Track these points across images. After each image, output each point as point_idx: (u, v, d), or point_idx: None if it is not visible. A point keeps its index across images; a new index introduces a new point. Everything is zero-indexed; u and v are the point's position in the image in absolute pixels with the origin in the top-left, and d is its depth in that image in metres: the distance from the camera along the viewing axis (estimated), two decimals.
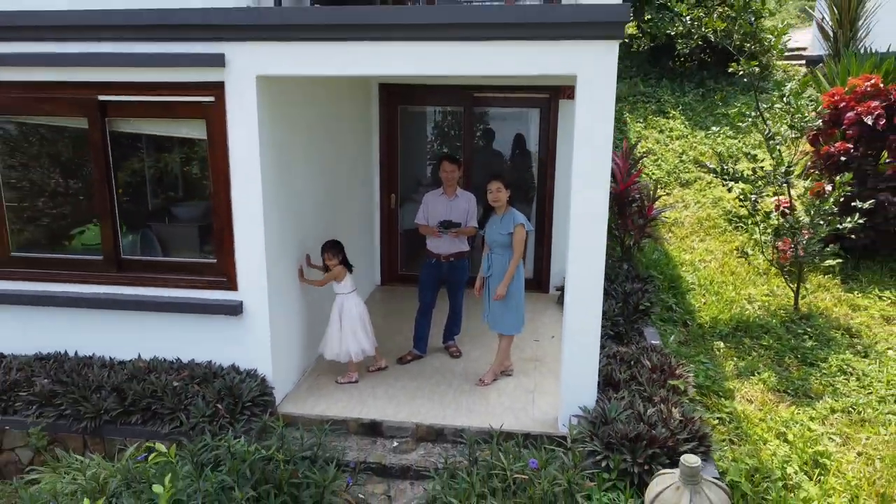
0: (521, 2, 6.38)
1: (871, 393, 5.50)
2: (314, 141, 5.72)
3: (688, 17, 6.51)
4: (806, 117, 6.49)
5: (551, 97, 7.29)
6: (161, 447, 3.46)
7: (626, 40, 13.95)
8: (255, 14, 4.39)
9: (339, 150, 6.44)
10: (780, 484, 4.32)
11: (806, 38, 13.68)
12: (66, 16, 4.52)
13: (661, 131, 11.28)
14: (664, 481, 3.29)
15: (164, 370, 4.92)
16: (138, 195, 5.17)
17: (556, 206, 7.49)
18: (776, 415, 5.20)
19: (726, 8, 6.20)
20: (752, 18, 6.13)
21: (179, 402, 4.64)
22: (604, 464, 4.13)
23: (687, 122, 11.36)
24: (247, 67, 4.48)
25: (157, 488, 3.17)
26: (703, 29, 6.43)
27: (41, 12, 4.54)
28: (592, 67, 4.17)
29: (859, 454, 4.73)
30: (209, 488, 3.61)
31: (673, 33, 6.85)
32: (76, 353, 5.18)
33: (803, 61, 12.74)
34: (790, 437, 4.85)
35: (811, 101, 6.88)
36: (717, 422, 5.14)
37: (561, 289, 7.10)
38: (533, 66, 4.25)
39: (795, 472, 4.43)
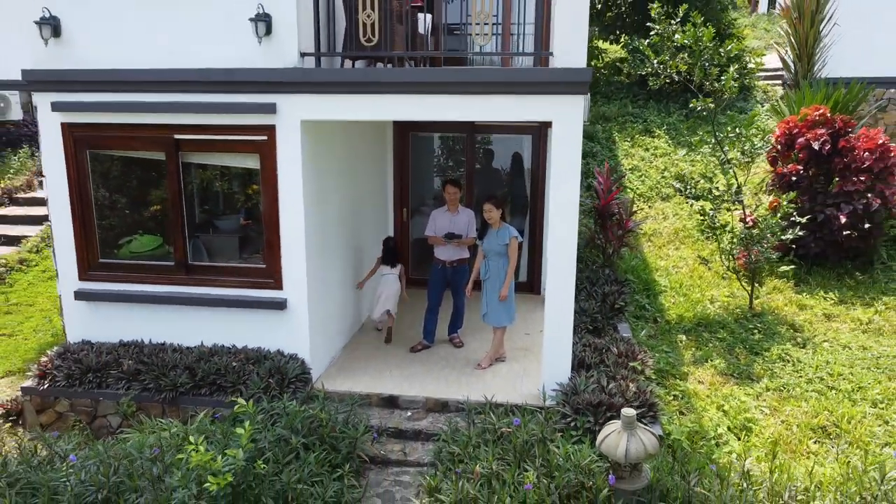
0: (516, 49, 7.57)
1: (801, 376, 6.65)
2: (342, 166, 6.95)
3: (655, 61, 7.70)
4: (756, 145, 7.66)
5: (541, 125, 8.50)
6: (241, 402, 4.65)
7: (618, 64, 15.19)
8: (300, 73, 5.61)
9: (360, 172, 7.67)
10: (712, 442, 5.49)
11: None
12: (152, 73, 5.76)
13: (647, 149, 12.44)
14: (610, 428, 4.45)
15: (223, 354, 6.13)
16: (203, 212, 6.40)
17: (547, 219, 8.68)
18: (720, 392, 6.36)
19: (684, 55, 7.32)
20: (708, 64, 7.29)
21: (238, 378, 5.85)
22: (572, 423, 5.31)
23: (670, 141, 12.53)
24: (293, 113, 5.71)
25: (239, 430, 4.36)
26: (668, 70, 7.62)
27: (133, 70, 5.77)
28: (564, 114, 5.37)
29: (782, 422, 5.88)
30: (271, 437, 4.81)
31: (644, 73, 8.00)
32: (150, 340, 6.40)
33: (781, 81, 13.93)
34: (726, 408, 6.01)
35: (760, 130, 8.00)
36: (671, 398, 6.31)
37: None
38: (518, 114, 5.47)
39: (725, 433, 5.60)
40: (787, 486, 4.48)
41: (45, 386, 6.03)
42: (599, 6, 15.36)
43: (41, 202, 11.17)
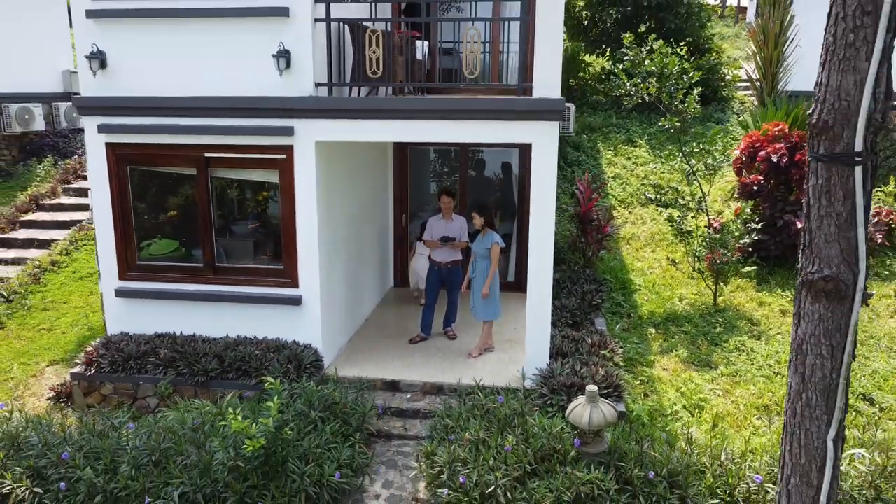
0: (501, 78, 8.50)
1: (753, 364, 7.58)
2: (348, 178, 7.85)
3: (629, 84, 8.62)
4: (718, 159, 8.59)
5: None
6: (270, 380, 5.54)
7: (602, 77, 16.10)
8: (315, 101, 6.51)
9: (364, 183, 8.57)
10: (668, 417, 6.41)
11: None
12: (185, 100, 6.65)
13: (629, 158, 13.36)
14: (577, 402, 5.35)
15: (247, 344, 7.02)
16: (228, 219, 7.29)
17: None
18: (680, 377, 7.28)
19: (653, 80, 8.24)
20: (673, 88, 8.21)
21: (261, 364, 6.74)
22: (548, 402, 6.22)
23: (651, 151, 13.45)
24: (308, 135, 6.61)
25: (268, 404, 5.26)
26: (639, 92, 8.54)
27: (169, 98, 6.67)
28: (542, 138, 6.29)
29: (732, 402, 6.81)
30: (293, 411, 5.71)
31: (618, 94, 8.91)
32: (182, 332, 7.29)
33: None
34: (684, 390, 6.93)
35: (721, 146, 8.93)
36: (637, 382, 7.23)
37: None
38: (503, 136, 6.39)
39: (680, 410, 6.52)
40: (724, 450, 5.40)
41: (92, 372, 6.92)
42: (586, 22, 16.29)
43: (66, 208, 12.05)
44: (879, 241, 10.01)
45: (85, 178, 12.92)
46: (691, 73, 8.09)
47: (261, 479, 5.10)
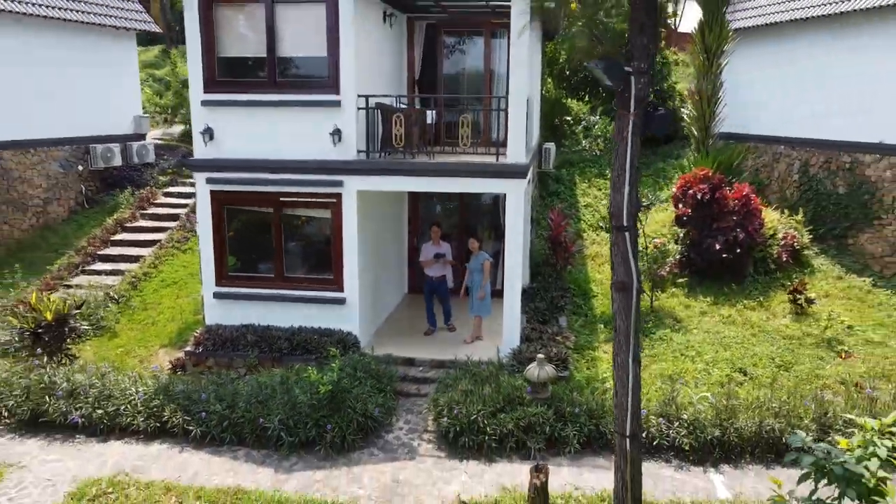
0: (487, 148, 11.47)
1: (668, 348, 10.47)
2: (377, 213, 10.83)
3: (584, 141, 11.60)
4: (650, 198, 11.53)
5: None
6: (333, 350, 8.47)
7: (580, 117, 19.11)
8: (357, 163, 9.50)
9: (387, 216, 11.55)
10: (599, 381, 9.31)
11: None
12: (268, 162, 9.65)
13: (599, 189, 16.30)
14: (531, 365, 8.26)
15: (307, 331, 9.97)
16: (293, 242, 10.27)
17: None
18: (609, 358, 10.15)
19: (599, 142, 11.18)
20: None
21: (318, 345, 9.68)
22: (516, 370, 9.13)
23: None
24: (352, 186, 9.59)
25: (332, 365, 8.17)
26: (591, 149, 11.51)
27: (256, 160, 9.67)
28: (512, 189, 9.26)
29: (648, 373, 9.69)
30: (345, 373, 8.64)
31: (577, 149, 11.83)
32: (259, 323, 10.24)
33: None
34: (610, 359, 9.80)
35: (656, 186, 11.87)
36: (584, 360, 10.12)
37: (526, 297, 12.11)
38: (485, 188, 9.40)
39: (608, 378, 9.41)
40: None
41: (199, 350, 9.89)
42: (568, 72, 19.29)
43: (145, 230, 15.07)
44: (785, 258, 12.89)
45: (158, 205, 16.00)
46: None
47: (328, 411, 8.03)
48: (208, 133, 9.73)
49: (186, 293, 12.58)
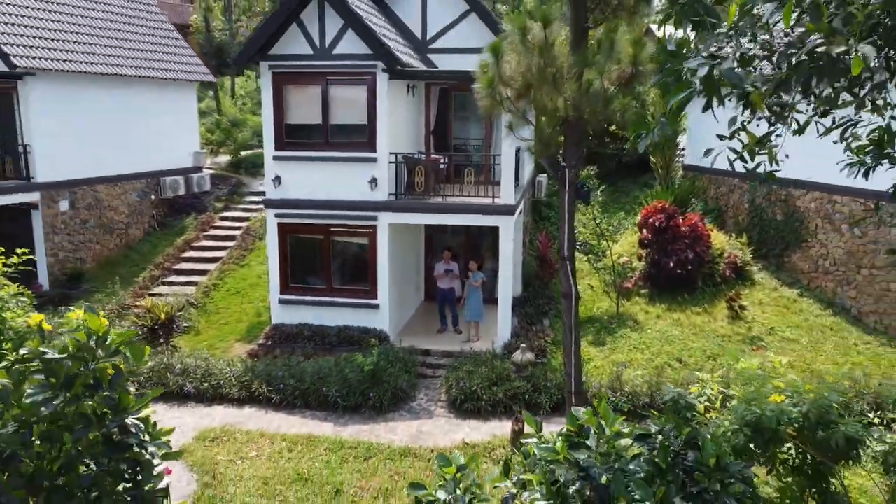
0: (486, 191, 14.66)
1: (626, 344, 13.58)
2: (401, 239, 14.05)
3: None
4: (613, 225, 14.68)
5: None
6: (373, 341, 11.67)
7: None
8: (388, 204, 12.75)
9: (409, 241, 14.79)
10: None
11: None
12: (321, 202, 12.92)
13: (584, 214, 19.44)
14: (516, 353, 11.39)
15: (351, 329, 13.19)
16: (339, 260, 13.52)
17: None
18: (584, 351, 13.30)
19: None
20: (592, 184, 14.40)
21: (360, 339, 12.90)
22: (507, 357, 12.29)
23: (600, 209, 19.53)
24: (384, 220, 12.84)
25: (372, 352, 11.36)
26: None
27: (313, 200, 12.93)
28: (503, 223, 12.49)
29: (609, 361, 12.81)
30: (381, 358, 11.82)
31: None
32: (313, 322, 13.46)
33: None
34: (583, 354, 12.96)
35: (617, 217, 15.04)
36: (558, 351, 13.25)
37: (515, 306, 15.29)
38: (483, 222, 12.65)
39: (582, 362, 12.54)
40: (585, 373, 11.43)
41: (269, 343, 13.13)
42: None
43: (208, 248, 18.37)
44: (728, 273, 15.98)
45: (216, 227, 19.31)
46: (594, 181, 14.24)
47: (370, 385, 11.21)
48: (278, 180, 13.02)
49: (248, 300, 15.85)
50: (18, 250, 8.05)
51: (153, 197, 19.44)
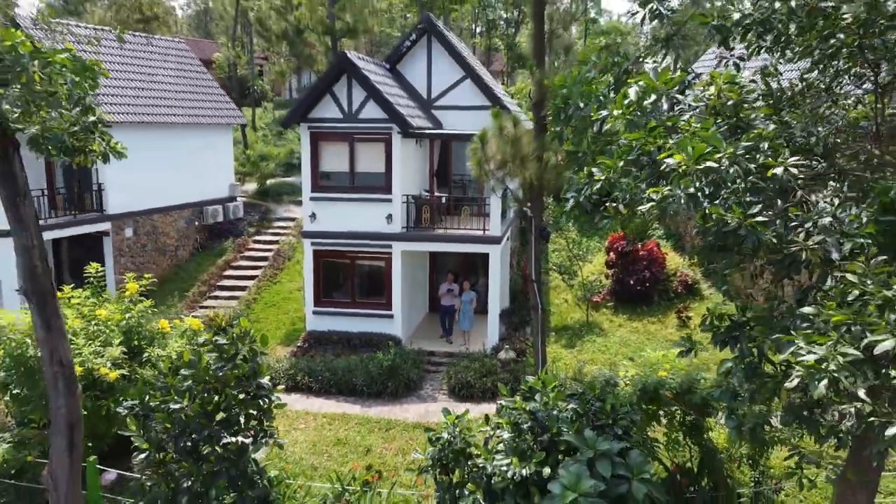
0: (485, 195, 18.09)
1: (591, 347, 16.90)
2: (411, 263, 17.43)
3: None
4: (583, 251, 18.06)
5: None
6: (391, 343, 15.00)
7: None
8: (401, 234, 16.14)
9: (417, 263, 18.16)
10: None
11: None
12: (348, 233, 16.31)
13: (564, 239, 22.85)
14: (501, 353, 14.68)
15: (371, 335, 16.53)
16: (362, 279, 16.89)
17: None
18: (557, 352, 16.63)
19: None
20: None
21: (377, 342, 16.24)
22: (494, 356, 15.62)
23: (577, 234, 22.93)
24: (398, 248, 16.23)
25: (390, 352, 14.67)
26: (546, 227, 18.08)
27: (340, 231, 16.33)
28: (492, 251, 15.89)
29: (576, 360, 16.12)
30: (397, 355, 15.16)
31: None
32: (340, 329, 16.80)
33: None
34: (555, 355, 16.29)
35: (586, 245, 18.41)
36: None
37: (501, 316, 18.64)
38: (475, 250, 16.03)
39: (554, 362, 15.88)
40: (556, 368, 14.76)
41: (306, 345, 16.45)
42: None
43: (245, 268, 21.72)
44: (680, 290, 19.33)
45: (251, 249, 22.68)
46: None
47: (388, 376, 14.54)
48: (313, 216, 16.41)
49: (283, 311, 19.19)
50: (93, 266, 11.63)
51: (197, 223, 22.83)
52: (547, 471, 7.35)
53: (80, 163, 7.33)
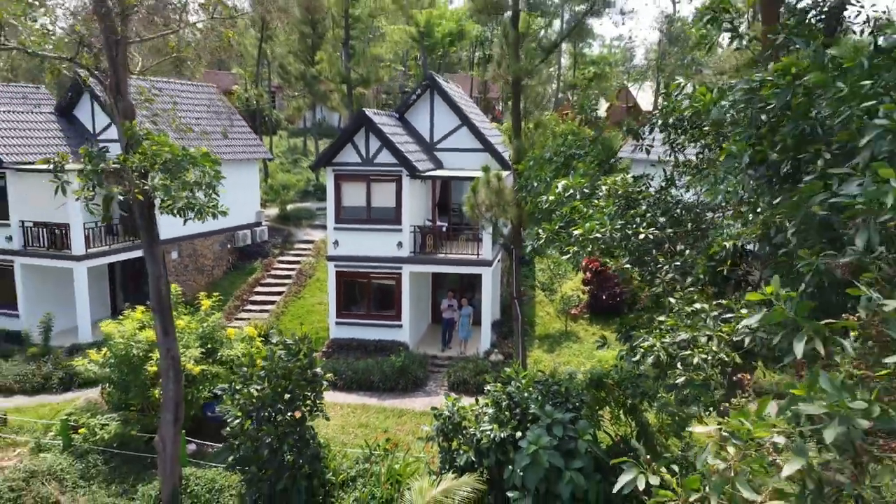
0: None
1: (568, 352, 20.21)
2: (417, 280, 20.79)
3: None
4: (561, 271, 21.42)
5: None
6: (401, 349, 18.33)
7: None
8: (410, 258, 19.51)
9: (421, 281, 21.52)
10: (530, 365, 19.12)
11: None
12: (364, 257, 19.67)
13: (550, 258, 26.19)
14: (491, 356, 17.96)
15: (384, 342, 19.86)
16: (376, 295, 20.25)
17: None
18: (537, 356, 19.93)
19: None
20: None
21: (389, 348, 19.56)
22: (487, 359, 18.94)
23: (557, 256, 26.29)
24: (406, 269, 19.61)
25: (400, 356, 17.97)
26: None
27: (357, 255, 19.71)
28: (484, 272, 19.27)
29: (555, 362, 19.42)
30: (406, 357, 18.47)
31: None
32: (358, 337, 20.12)
33: None
34: (535, 358, 19.59)
35: (565, 266, 21.75)
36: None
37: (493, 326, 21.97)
38: (471, 271, 19.40)
39: (535, 364, 19.19)
40: (536, 369, 18.07)
41: (330, 350, 19.77)
42: None
43: (272, 285, 25.05)
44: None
45: (276, 269, 26.03)
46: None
47: (399, 375, 17.84)
48: (336, 243, 19.80)
49: (308, 323, 22.50)
50: (175, 288, 14.92)
51: (229, 246, 26.21)
52: (518, 434, 10.71)
53: (197, 219, 10.69)
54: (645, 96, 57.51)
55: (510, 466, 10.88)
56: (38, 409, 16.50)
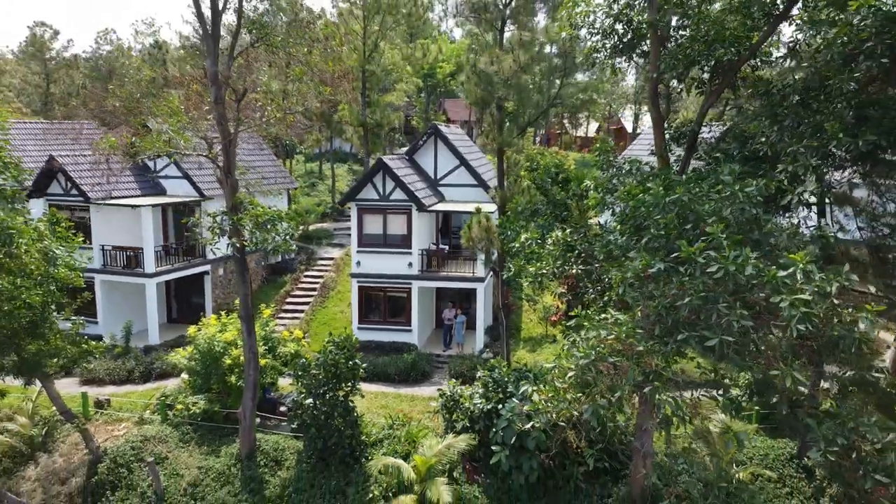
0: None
1: (548, 350, 24.81)
2: (423, 292, 25.43)
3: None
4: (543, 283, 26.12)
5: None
6: (412, 348, 22.97)
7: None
8: (418, 275, 24.15)
9: (426, 292, 26.17)
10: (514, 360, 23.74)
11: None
12: (381, 274, 24.32)
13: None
14: (483, 353, 22.53)
15: (396, 343, 24.47)
16: (390, 304, 24.91)
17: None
18: (522, 356, 24.53)
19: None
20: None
21: (401, 348, 24.19)
22: (480, 357, 23.56)
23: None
24: (416, 285, 24.26)
25: (411, 354, 22.56)
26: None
27: (375, 273, 24.36)
28: (478, 287, 23.93)
29: (538, 359, 24.02)
30: (416, 355, 23.08)
31: None
32: (376, 339, 24.74)
33: None
34: (520, 356, 24.21)
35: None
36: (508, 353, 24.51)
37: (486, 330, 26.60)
38: (467, 286, 24.07)
39: (517, 362, 23.78)
40: (518, 362, 22.69)
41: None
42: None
43: (300, 296, 29.65)
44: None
45: (303, 282, 30.66)
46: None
47: (411, 369, 22.45)
48: (358, 263, 24.45)
49: (333, 328, 27.10)
50: (237, 302, 19.48)
51: (263, 263, 30.85)
52: (500, 406, 15.36)
53: (274, 254, 15.37)
54: (627, 122, 62.38)
55: (494, 429, 15.52)
56: (129, 395, 21.11)
